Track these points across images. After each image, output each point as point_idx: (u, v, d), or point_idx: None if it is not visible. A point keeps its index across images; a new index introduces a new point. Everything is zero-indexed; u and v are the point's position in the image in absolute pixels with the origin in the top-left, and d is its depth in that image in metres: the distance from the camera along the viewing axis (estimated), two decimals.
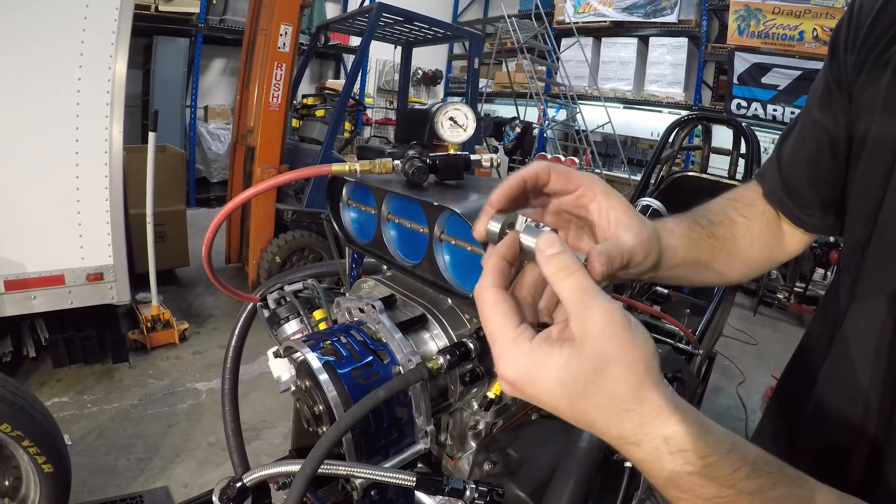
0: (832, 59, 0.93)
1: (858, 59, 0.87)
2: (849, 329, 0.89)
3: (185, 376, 4.27)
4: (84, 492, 2.98)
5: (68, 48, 3.40)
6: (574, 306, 0.51)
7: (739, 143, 3.78)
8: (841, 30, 0.91)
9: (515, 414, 1.25)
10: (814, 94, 0.98)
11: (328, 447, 0.80)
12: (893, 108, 0.81)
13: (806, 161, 0.99)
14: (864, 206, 0.86)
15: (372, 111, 12.49)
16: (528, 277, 0.62)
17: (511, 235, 0.58)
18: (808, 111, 0.99)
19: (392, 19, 5.81)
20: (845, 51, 0.90)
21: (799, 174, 1.00)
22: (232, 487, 0.91)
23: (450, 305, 1.18)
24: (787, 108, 8.61)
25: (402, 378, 0.92)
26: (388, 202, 1.26)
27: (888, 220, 0.81)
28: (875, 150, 0.84)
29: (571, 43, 11.30)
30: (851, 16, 0.90)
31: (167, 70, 8.97)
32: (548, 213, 0.72)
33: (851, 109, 0.89)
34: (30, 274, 3.43)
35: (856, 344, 0.88)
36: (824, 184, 0.96)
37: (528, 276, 0.62)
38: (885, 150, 0.82)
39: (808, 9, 8.27)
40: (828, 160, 0.95)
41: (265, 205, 5.30)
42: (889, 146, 0.81)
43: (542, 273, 0.54)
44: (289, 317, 1.44)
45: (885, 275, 0.82)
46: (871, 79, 0.85)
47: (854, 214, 0.90)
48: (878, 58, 0.83)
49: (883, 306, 0.81)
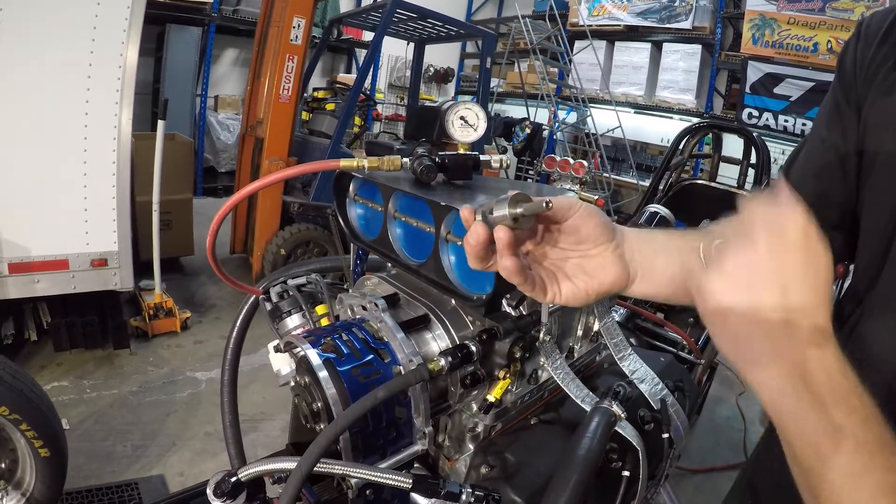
0: (840, 77, 0.94)
1: (867, 76, 0.88)
2: (867, 335, 0.90)
3: (186, 365, 4.28)
4: (79, 477, 2.98)
5: (81, 34, 3.40)
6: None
7: (750, 152, 3.77)
8: (849, 49, 0.93)
9: (514, 418, 1.25)
10: (822, 114, 0.99)
11: (325, 445, 0.79)
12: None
13: (813, 178, 1.00)
14: (882, 216, 0.86)
15: (382, 107, 12.48)
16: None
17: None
18: (816, 131, 1.01)
19: (406, 15, 5.79)
20: (853, 68, 0.91)
21: (805, 192, 0.99)
22: (227, 482, 0.90)
23: (453, 306, 1.17)
24: (798, 119, 8.58)
25: (402, 379, 0.91)
26: (395, 200, 1.25)
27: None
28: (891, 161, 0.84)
29: (584, 46, 11.26)
30: (859, 35, 0.92)
31: (179, 58, 8.97)
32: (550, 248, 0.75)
33: (860, 125, 0.90)
34: (34, 257, 3.44)
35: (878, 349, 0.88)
36: (831, 202, 0.97)
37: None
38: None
39: (823, 20, 8.24)
40: (837, 177, 0.95)
41: (272, 197, 5.30)
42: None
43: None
44: (291, 311, 1.44)
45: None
46: (881, 92, 0.86)
47: (871, 223, 0.91)
48: (889, 73, 0.85)
49: None
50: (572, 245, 0.73)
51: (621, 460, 1.14)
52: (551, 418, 1.26)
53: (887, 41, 0.87)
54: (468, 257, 0.69)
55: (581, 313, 1.34)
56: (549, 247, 0.74)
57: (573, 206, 0.71)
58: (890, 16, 0.89)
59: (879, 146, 0.86)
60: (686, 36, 10.11)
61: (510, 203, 0.64)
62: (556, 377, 1.13)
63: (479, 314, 1.11)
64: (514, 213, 0.64)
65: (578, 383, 1.14)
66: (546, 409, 1.29)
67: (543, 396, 1.30)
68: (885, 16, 0.90)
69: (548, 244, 0.73)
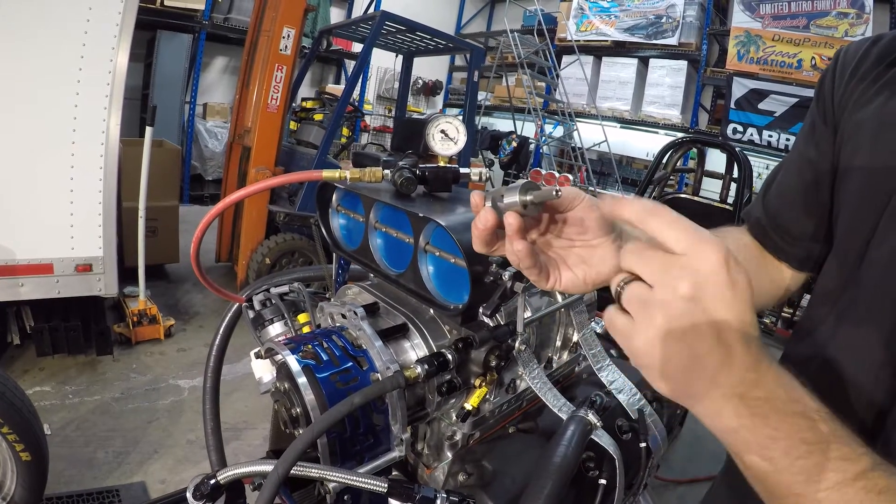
0: (819, 99, 1.01)
1: (843, 100, 0.95)
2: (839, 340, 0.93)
3: (169, 372, 4.26)
4: (60, 482, 2.96)
5: (71, 38, 3.41)
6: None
7: (732, 167, 3.82)
8: (827, 75, 0.99)
9: (493, 427, 1.26)
10: (800, 134, 1.05)
11: (301, 449, 0.81)
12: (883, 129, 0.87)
13: (790, 192, 1.05)
14: (858, 223, 0.91)
15: (370, 118, 12.50)
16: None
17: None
18: (795, 148, 1.07)
19: (394, 28, 5.83)
20: (831, 92, 0.97)
21: (782, 206, 1.06)
22: (206, 484, 0.92)
23: (431, 316, 1.19)
24: (782, 134, 8.67)
25: (378, 385, 0.93)
26: (376, 211, 1.27)
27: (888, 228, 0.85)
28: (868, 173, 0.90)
29: (572, 60, 11.35)
30: (837, 61, 0.98)
31: (169, 65, 8.95)
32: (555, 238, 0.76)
33: (837, 139, 0.96)
34: (19, 261, 3.43)
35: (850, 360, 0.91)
36: (808, 213, 1.02)
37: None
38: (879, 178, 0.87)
39: (807, 37, 8.36)
40: (812, 190, 1.01)
41: (258, 206, 5.30)
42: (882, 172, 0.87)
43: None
44: (273, 319, 1.45)
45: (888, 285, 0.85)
46: (856, 109, 0.92)
47: (846, 231, 0.95)
48: (864, 92, 0.91)
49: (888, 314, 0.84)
50: (575, 235, 0.75)
51: (598, 469, 1.15)
52: (529, 427, 1.28)
53: (863, 63, 0.93)
54: (474, 241, 0.73)
55: (560, 324, 1.36)
56: (553, 236, 0.75)
57: (578, 196, 0.73)
58: (865, 44, 0.96)
59: (855, 151, 0.91)
60: (672, 52, 10.22)
61: (521, 190, 0.67)
62: (534, 386, 1.15)
63: (455, 323, 1.13)
64: (525, 200, 0.67)
65: (556, 393, 1.15)
66: (524, 419, 1.31)
67: (522, 406, 1.32)
68: (861, 44, 0.96)
69: (551, 233, 0.75)
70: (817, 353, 0.97)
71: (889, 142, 0.86)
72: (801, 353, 1.05)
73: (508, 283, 0.98)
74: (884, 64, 0.91)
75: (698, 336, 0.55)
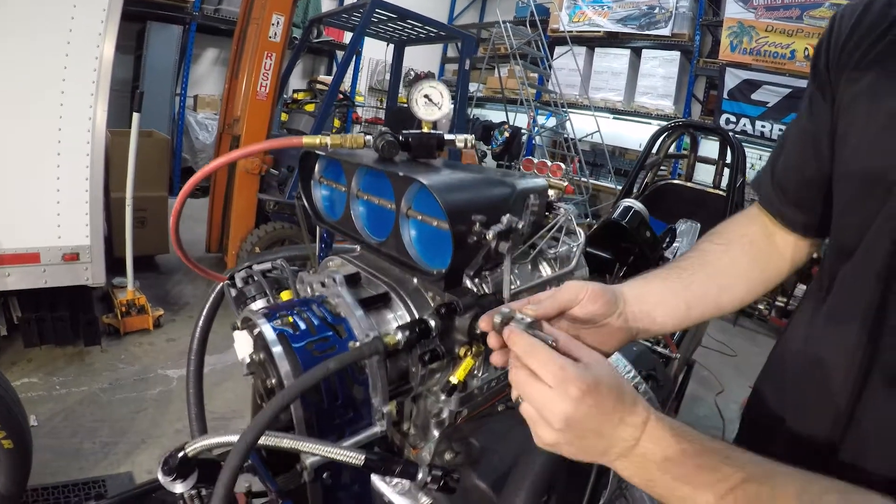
0: (815, 71, 1.02)
1: (840, 65, 0.94)
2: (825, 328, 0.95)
3: (157, 363, 4.22)
4: (46, 473, 2.92)
5: (57, 26, 3.38)
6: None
7: (725, 152, 3.79)
8: (822, 45, 1.00)
9: (481, 404, 1.22)
10: (800, 107, 1.08)
11: (271, 416, 0.76)
12: (877, 98, 0.86)
13: (794, 161, 1.07)
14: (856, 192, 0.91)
15: (362, 110, 12.45)
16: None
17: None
18: (797, 122, 1.08)
19: (385, 16, 5.78)
20: (826, 60, 0.98)
21: (788, 176, 1.08)
22: (174, 457, 0.87)
23: (415, 286, 1.15)
24: (775, 124, 8.65)
25: (355, 350, 0.88)
26: (357, 178, 1.23)
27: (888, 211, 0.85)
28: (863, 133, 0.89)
29: (564, 51, 11.32)
30: (832, 28, 0.98)
31: (159, 57, 8.86)
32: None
33: (834, 110, 0.96)
34: (5, 250, 3.39)
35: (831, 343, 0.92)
36: (812, 183, 1.03)
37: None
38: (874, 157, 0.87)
39: (800, 28, 8.33)
40: (812, 159, 1.02)
41: (247, 195, 5.24)
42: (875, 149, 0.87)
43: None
44: (255, 296, 1.41)
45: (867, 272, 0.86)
46: (852, 79, 0.91)
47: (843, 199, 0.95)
48: (860, 60, 0.91)
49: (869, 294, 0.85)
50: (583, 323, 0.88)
51: None
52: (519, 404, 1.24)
53: (859, 27, 0.92)
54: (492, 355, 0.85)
55: None
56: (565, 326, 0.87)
57: (579, 292, 0.87)
58: (857, 10, 0.94)
59: (853, 117, 0.90)
60: (665, 43, 10.19)
61: (527, 327, 0.78)
62: None
63: (438, 289, 1.09)
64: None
65: None
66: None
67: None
68: (856, 7, 0.95)
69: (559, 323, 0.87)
70: (807, 336, 1.00)
71: (878, 122, 0.86)
72: (794, 338, 1.07)
73: (493, 242, 0.95)
74: (875, 34, 0.90)
75: (582, 439, 0.72)
